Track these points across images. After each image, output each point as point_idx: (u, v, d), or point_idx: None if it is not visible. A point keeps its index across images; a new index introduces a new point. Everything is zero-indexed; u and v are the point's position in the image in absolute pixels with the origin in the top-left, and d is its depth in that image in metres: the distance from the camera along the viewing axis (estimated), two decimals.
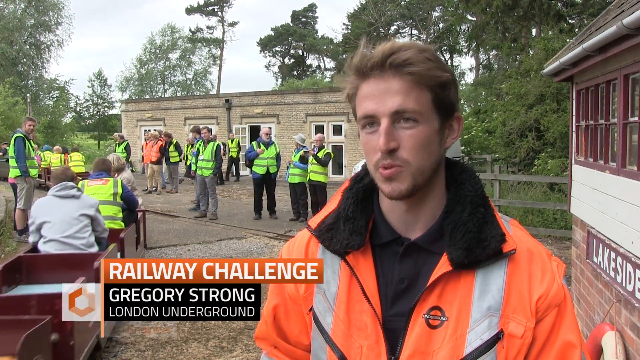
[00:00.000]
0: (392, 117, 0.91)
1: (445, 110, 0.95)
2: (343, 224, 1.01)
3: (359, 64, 0.94)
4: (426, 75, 0.91)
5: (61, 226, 4.42)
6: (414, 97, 0.91)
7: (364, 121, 0.94)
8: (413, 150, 0.91)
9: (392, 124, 0.91)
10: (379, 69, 0.92)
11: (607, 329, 3.71)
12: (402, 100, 0.90)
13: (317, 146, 10.49)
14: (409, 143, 0.91)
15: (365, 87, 0.94)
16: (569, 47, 5.09)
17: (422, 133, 0.92)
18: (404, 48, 0.92)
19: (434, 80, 0.92)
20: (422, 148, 0.92)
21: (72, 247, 4.42)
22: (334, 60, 49.26)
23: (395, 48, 0.92)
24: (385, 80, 0.92)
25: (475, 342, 0.92)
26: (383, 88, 0.91)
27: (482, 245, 0.93)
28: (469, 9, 19.66)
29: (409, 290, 0.96)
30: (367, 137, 0.95)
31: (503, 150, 13.95)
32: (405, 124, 0.91)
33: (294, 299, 1.07)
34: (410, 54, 0.91)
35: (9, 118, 25.14)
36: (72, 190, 4.59)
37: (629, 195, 3.50)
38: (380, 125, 0.92)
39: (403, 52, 0.91)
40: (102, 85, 45.77)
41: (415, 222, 0.99)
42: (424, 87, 0.92)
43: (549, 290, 0.94)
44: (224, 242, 9.19)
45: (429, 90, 0.92)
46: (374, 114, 0.92)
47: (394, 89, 0.91)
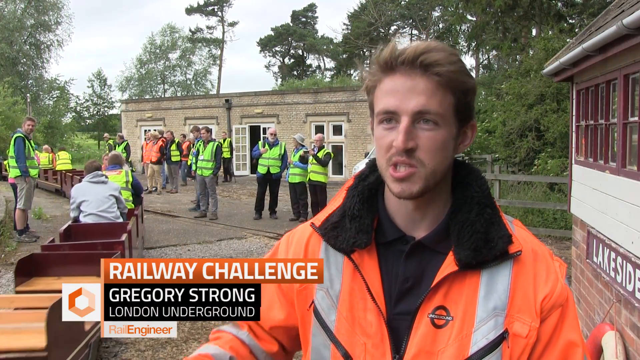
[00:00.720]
0: (413, 116, 0.90)
1: (463, 116, 0.96)
2: (349, 222, 1.01)
3: (389, 57, 0.92)
4: (453, 79, 0.91)
5: (96, 204, 5.89)
6: (438, 100, 0.91)
7: (383, 116, 0.93)
8: (431, 153, 0.91)
9: (412, 123, 0.91)
10: (409, 66, 0.91)
11: (607, 329, 3.71)
12: (426, 100, 0.90)
13: (317, 146, 10.51)
14: (427, 144, 0.91)
15: (389, 81, 0.93)
16: (569, 47, 5.09)
17: (440, 136, 0.92)
18: (436, 49, 0.92)
19: (460, 85, 0.92)
20: (439, 151, 0.92)
21: (105, 219, 5.93)
22: (334, 60, 49.26)
23: (428, 48, 0.91)
24: (412, 78, 0.91)
25: (480, 342, 0.92)
26: (409, 85, 0.91)
27: (489, 245, 0.93)
28: (469, 9, 19.66)
29: (414, 289, 0.97)
30: (383, 132, 0.94)
31: (503, 150, 13.94)
32: (425, 125, 0.91)
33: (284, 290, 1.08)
34: (441, 56, 0.91)
35: (9, 118, 25.13)
36: (101, 177, 6.10)
37: (629, 195, 3.50)
38: (399, 123, 0.91)
39: (435, 52, 0.91)
40: (101, 85, 45.78)
41: (421, 221, 0.99)
42: (448, 91, 0.92)
43: (554, 290, 0.95)
44: (224, 242, 9.19)
45: (453, 95, 0.92)
46: (395, 111, 0.91)
47: (419, 88, 0.90)
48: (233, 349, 1.10)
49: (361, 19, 38.22)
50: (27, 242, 8.52)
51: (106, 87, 45.78)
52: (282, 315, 1.09)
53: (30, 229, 9.04)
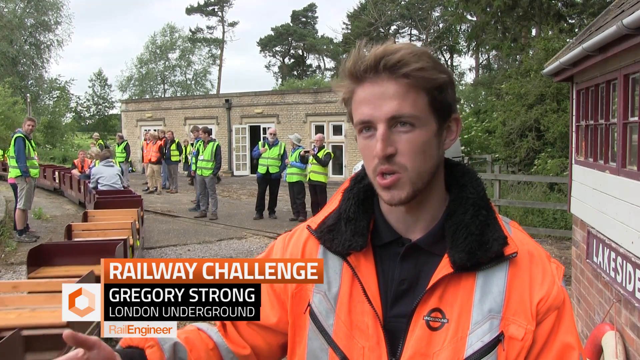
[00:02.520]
0: (388, 122, 0.89)
1: (442, 113, 0.94)
2: (345, 225, 1.00)
3: (352, 68, 0.91)
4: (422, 77, 0.89)
5: (109, 179, 9.11)
6: (411, 101, 0.89)
7: (361, 126, 0.93)
8: (411, 155, 0.90)
9: (388, 128, 0.90)
10: (373, 72, 0.90)
11: (607, 329, 3.71)
12: (398, 105, 0.89)
13: (317, 146, 10.52)
14: (406, 148, 0.90)
15: (360, 91, 0.92)
16: (569, 47, 5.09)
17: (419, 137, 0.91)
18: (397, 49, 0.89)
19: (430, 82, 0.90)
20: (420, 152, 0.91)
21: (114, 189, 9.08)
22: (334, 60, 49.24)
23: (388, 50, 0.89)
24: (380, 84, 0.90)
25: (476, 345, 0.91)
26: (378, 92, 0.90)
27: (485, 247, 0.93)
28: (468, 9, 19.66)
29: (410, 291, 0.96)
30: (364, 142, 0.93)
31: (503, 150, 13.95)
32: (402, 128, 0.90)
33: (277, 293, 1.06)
34: (404, 55, 0.88)
35: (9, 118, 25.12)
36: (111, 162, 9.42)
37: (629, 195, 3.50)
38: (377, 130, 0.91)
39: (396, 53, 0.89)
40: (102, 85, 45.76)
41: (416, 223, 0.98)
42: (420, 90, 0.90)
43: (550, 293, 0.94)
44: (223, 242, 9.19)
45: (426, 93, 0.90)
46: (370, 119, 0.91)
47: (389, 93, 0.89)
48: (189, 340, 1.05)
49: (361, 18, 38.22)
50: (27, 242, 8.51)
51: (106, 87, 45.80)
52: (274, 319, 1.06)
53: (30, 229, 9.05)
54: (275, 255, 1.11)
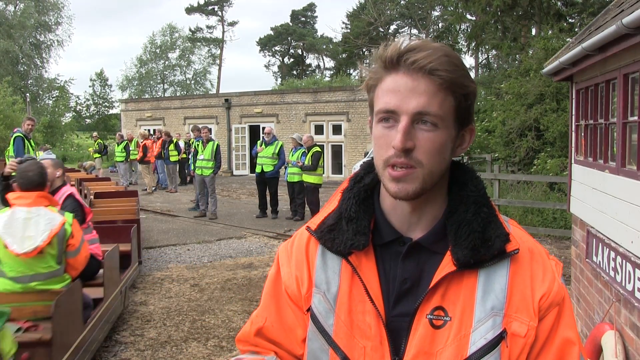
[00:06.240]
0: (413, 116, 0.90)
1: (463, 120, 0.95)
2: (346, 225, 1.00)
3: (392, 55, 0.91)
4: (455, 81, 0.90)
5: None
6: (439, 101, 0.90)
7: (382, 115, 0.93)
8: (429, 154, 0.91)
9: (411, 123, 0.90)
10: (409, 64, 0.90)
11: (606, 329, 3.71)
12: (426, 101, 0.89)
13: (307, 147, 10.70)
14: (426, 145, 0.90)
15: (390, 80, 0.92)
16: (569, 47, 5.08)
17: (439, 138, 0.91)
18: (437, 49, 0.91)
19: (461, 88, 0.91)
20: (437, 153, 0.91)
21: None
22: (333, 59, 49.21)
23: (427, 46, 0.91)
24: (414, 78, 0.90)
25: (479, 342, 0.91)
26: (410, 85, 0.90)
27: (487, 244, 0.93)
28: (468, 8, 19.64)
29: (412, 290, 0.96)
30: (382, 131, 0.93)
31: (503, 150, 13.93)
32: (424, 126, 0.90)
33: (295, 299, 1.05)
34: (442, 56, 0.90)
35: (8, 117, 25.10)
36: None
37: (628, 195, 3.50)
38: (398, 122, 0.91)
39: (436, 53, 0.90)
40: (102, 85, 45.70)
41: (418, 222, 0.99)
42: (449, 93, 0.91)
43: (551, 289, 0.95)
44: (223, 241, 9.19)
45: (454, 97, 0.91)
46: (395, 110, 0.91)
47: (420, 89, 0.89)
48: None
49: (361, 18, 38.20)
50: None
51: (106, 87, 45.73)
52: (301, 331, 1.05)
53: None
54: (282, 267, 1.09)
